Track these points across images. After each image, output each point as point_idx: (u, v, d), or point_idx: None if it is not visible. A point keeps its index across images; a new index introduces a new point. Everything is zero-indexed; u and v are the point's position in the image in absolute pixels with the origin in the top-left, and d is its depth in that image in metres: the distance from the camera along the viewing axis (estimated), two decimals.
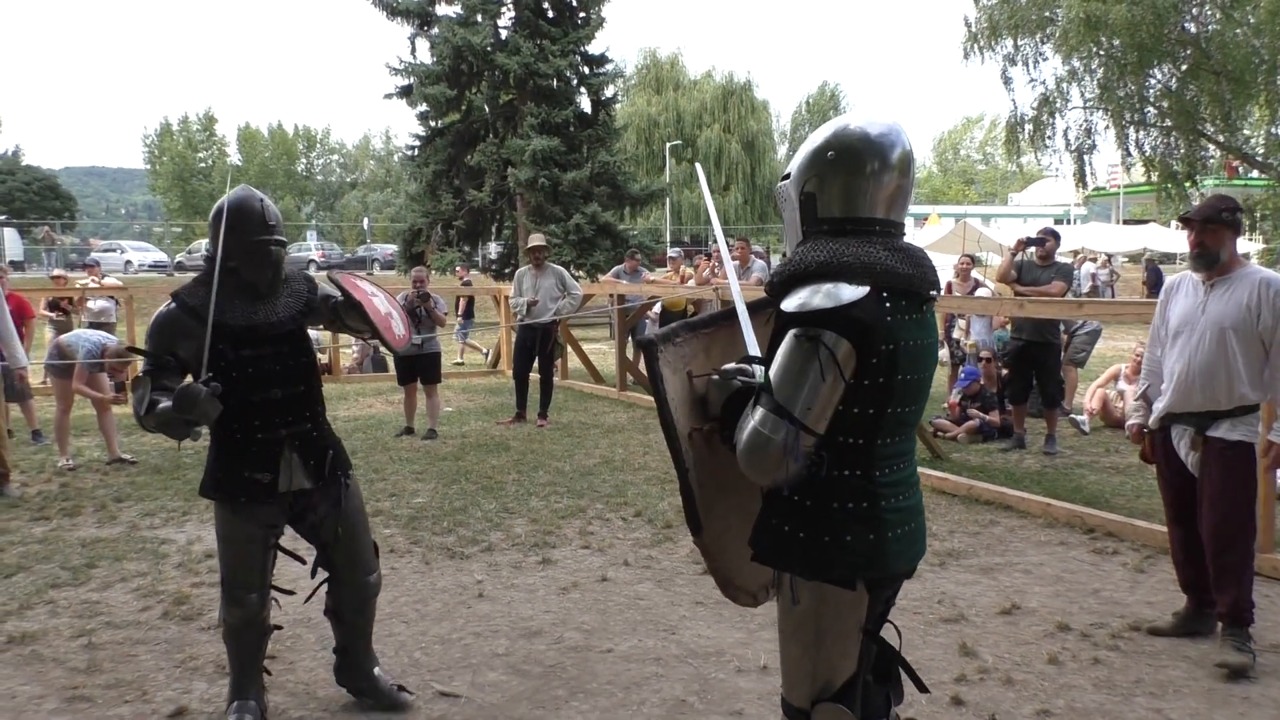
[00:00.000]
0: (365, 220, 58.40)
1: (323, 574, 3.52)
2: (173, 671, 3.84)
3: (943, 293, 12.30)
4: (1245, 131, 23.76)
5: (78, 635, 4.19)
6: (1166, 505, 4.23)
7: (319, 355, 12.84)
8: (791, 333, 2.01)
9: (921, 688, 2.31)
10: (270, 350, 3.24)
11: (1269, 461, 3.98)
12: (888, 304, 2.03)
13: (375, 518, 5.98)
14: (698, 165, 3.54)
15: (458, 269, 21.24)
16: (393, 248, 35.58)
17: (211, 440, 3.30)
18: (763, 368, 2.08)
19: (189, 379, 3.13)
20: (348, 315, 3.38)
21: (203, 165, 63.61)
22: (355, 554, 3.50)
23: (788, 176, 2.20)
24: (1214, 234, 3.87)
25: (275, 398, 3.24)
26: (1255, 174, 27.68)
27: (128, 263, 36.14)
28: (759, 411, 1.98)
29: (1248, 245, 34.94)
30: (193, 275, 3.52)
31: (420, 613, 4.46)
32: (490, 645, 4.08)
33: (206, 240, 3.28)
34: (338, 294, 3.37)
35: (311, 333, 12.32)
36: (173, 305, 3.20)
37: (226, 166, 63.04)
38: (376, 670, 3.61)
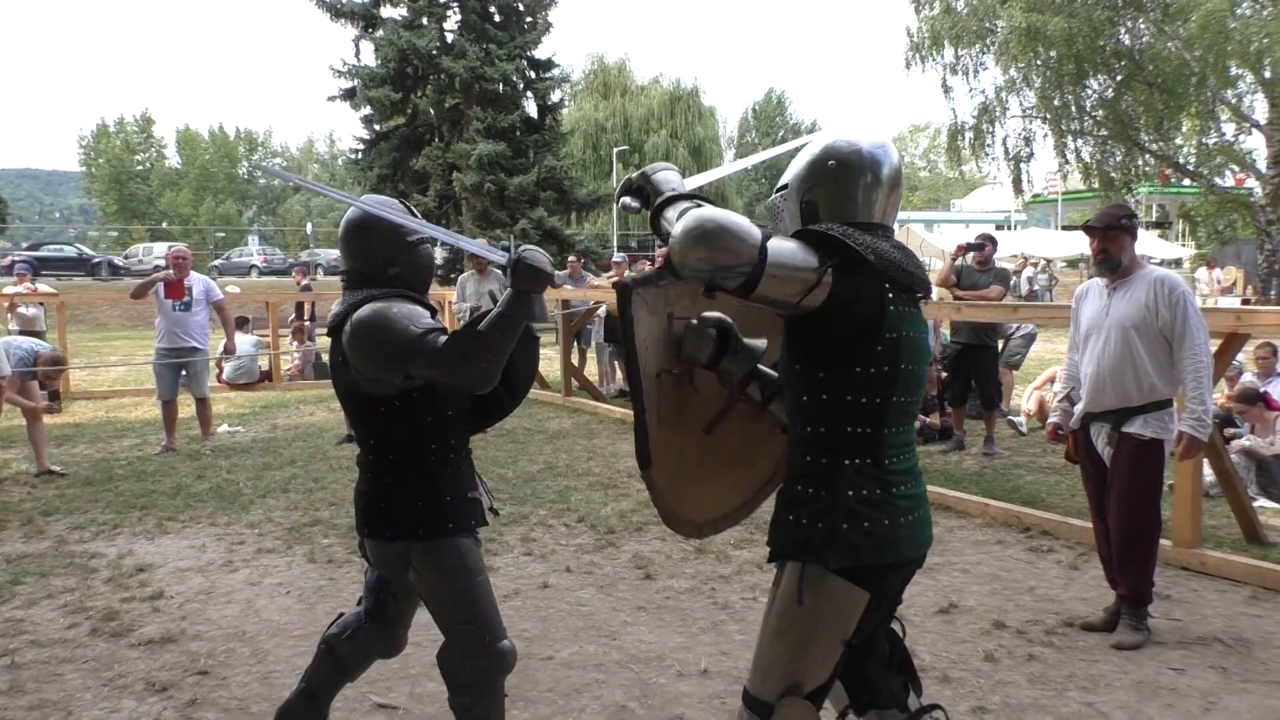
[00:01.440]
0: (308, 225, 57.57)
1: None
2: (100, 690, 3.73)
3: None
4: (1178, 141, 24.38)
5: (0, 655, 4.05)
6: (1091, 502, 4.37)
7: (259, 363, 12.67)
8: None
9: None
10: None
11: (1182, 451, 4.12)
12: (890, 294, 2.12)
13: (314, 527, 5.90)
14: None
15: (295, 272, 19.24)
16: (337, 253, 35.11)
17: (392, 472, 2.72)
18: (764, 341, 2.26)
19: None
20: None
21: (140, 168, 62.33)
22: None
23: (784, 188, 2.29)
24: (1115, 240, 4.08)
25: (464, 410, 2.81)
26: (1187, 182, 28.42)
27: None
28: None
29: (1181, 250, 36.02)
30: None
31: None
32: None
33: (344, 261, 2.78)
34: None
35: (249, 338, 11.99)
36: (392, 304, 2.57)
37: (165, 169, 61.90)
38: None
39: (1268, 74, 20.82)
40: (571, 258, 14.85)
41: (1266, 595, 4.60)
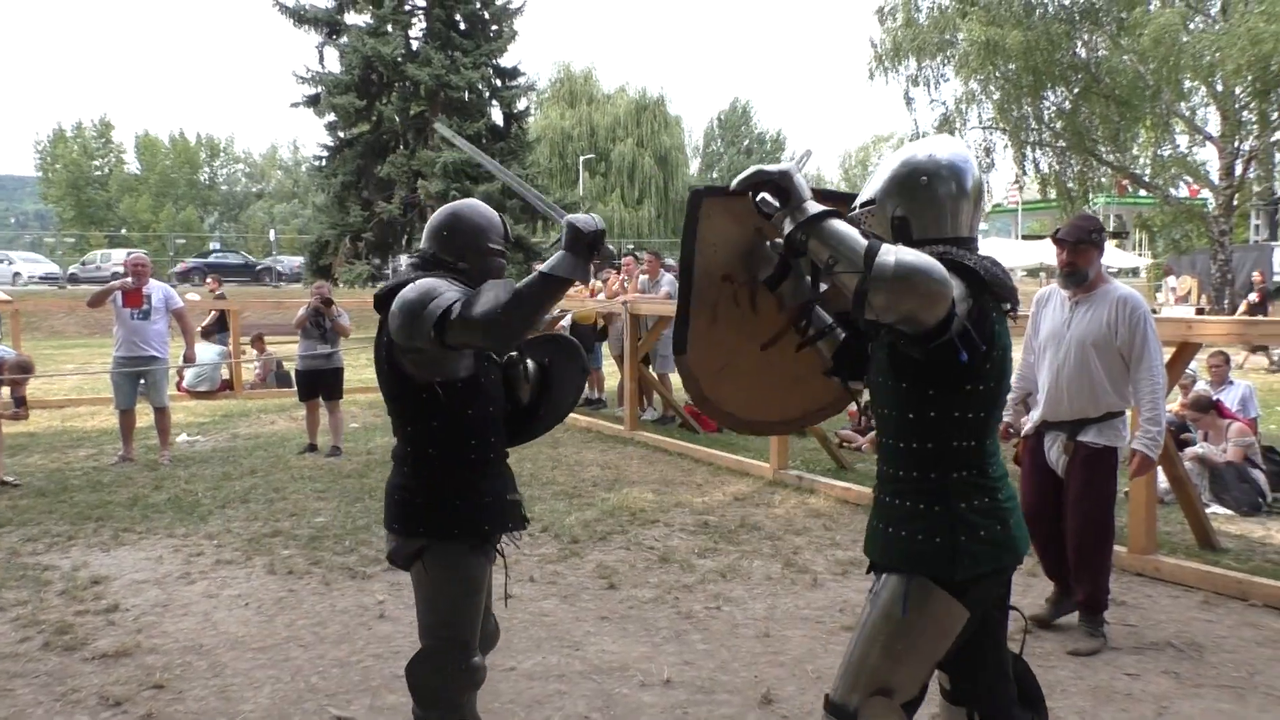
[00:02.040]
0: (271, 232, 56.99)
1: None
2: (53, 705, 3.66)
3: None
4: (1134, 152, 24.83)
5: None
6: (1028, 504, 4.41)
7: (220, 371, 12.51)
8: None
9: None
10: (495, 360, 2.85)
11: (1134, 469, 4.20)
12: (994, 313, 2.16)
13: (274, 538, 5.83)
14: None
15: (209, 280, 18.35)
16: (299, 260, 34.83)
17: (433, 466, 2.68)
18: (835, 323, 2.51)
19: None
20: None
21: (98, 173, 61.33)
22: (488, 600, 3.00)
23: (870, 203, 2.27)
24: (1083, 254, 4.14)
25: (504, 409, 2.84)
26: (1143, 192, 28.94)
27: (16, 274, 34.53)
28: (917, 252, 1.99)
29: (1138, 260, 36.65)
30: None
31: (319, 635, 4.35)
32: (391, 667, 3.99)
33: (424, 241, 2.84)
34: None
35: (214, 348, 11.82)
36: (440, 275, 2.62)
37: (125, 174, 60.99)
38: None
39: (1219, 87, 21.27)
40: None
41: (1218, 600, 4.68)
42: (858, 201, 2.33)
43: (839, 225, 2.09)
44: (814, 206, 2.14)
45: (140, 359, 8.07)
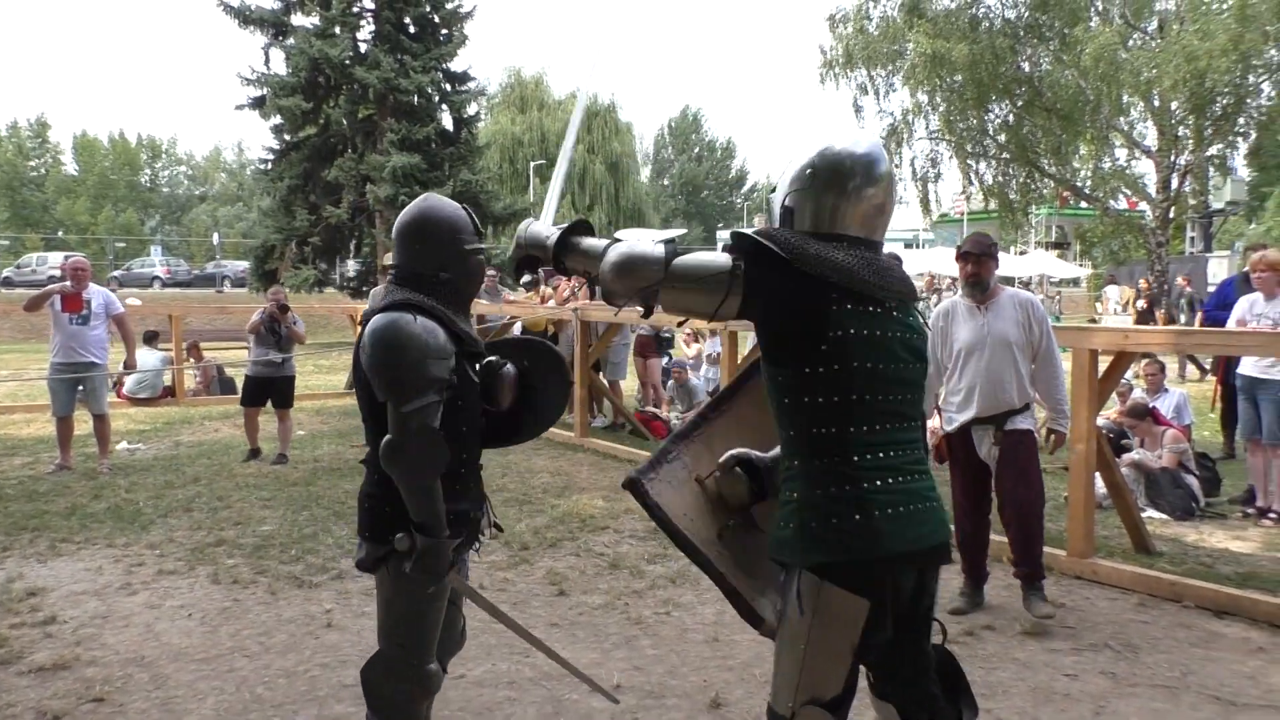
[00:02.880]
0: (215, 235, 56.07)
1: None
2: None
3: None
4: (1075, 165, 25.36)
5: None
6: (961, 501, 4.78)
7: (163, 377, 12.27)
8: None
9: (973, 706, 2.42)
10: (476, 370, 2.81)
11: (1054, 444, 4.75)
12: (833, 295, 2.10)
13: (218, 547, 5.74)
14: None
15: (110, 284, 18.90)
16: (244, 264, 34.26)
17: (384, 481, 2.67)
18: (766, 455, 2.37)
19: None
20: None
21: (34, 174, 59.83)
22: (458, 601, 3.01)
23: (773, 190, 2.33)
24: (986, 265, 4.66)
25: (479, 426, 2.80)
26: (1084, 205, 29.61)
27: None
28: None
29: (1079, 270, 37.48)
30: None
31: (264, 645, 4.29)
32: (338, 676, 3.95)
33: (391, 254, 2.80)
34: None
35: (155, 353, 11.57)
36: (419, 320, 2.55)
37: (62, 175, 59.54)
38: None
39: (1156, 103, 21.85)
40: (489, 272, 14.77)
41: (1153, 602, 4.82)
42: (771, 187, 2.38)
43: (582, 240, 2.39)
44: (554, 233, 2.41)
45: (79, 365, 7.88)
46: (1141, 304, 17.83)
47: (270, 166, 25.52)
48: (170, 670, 4.01)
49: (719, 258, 2.16)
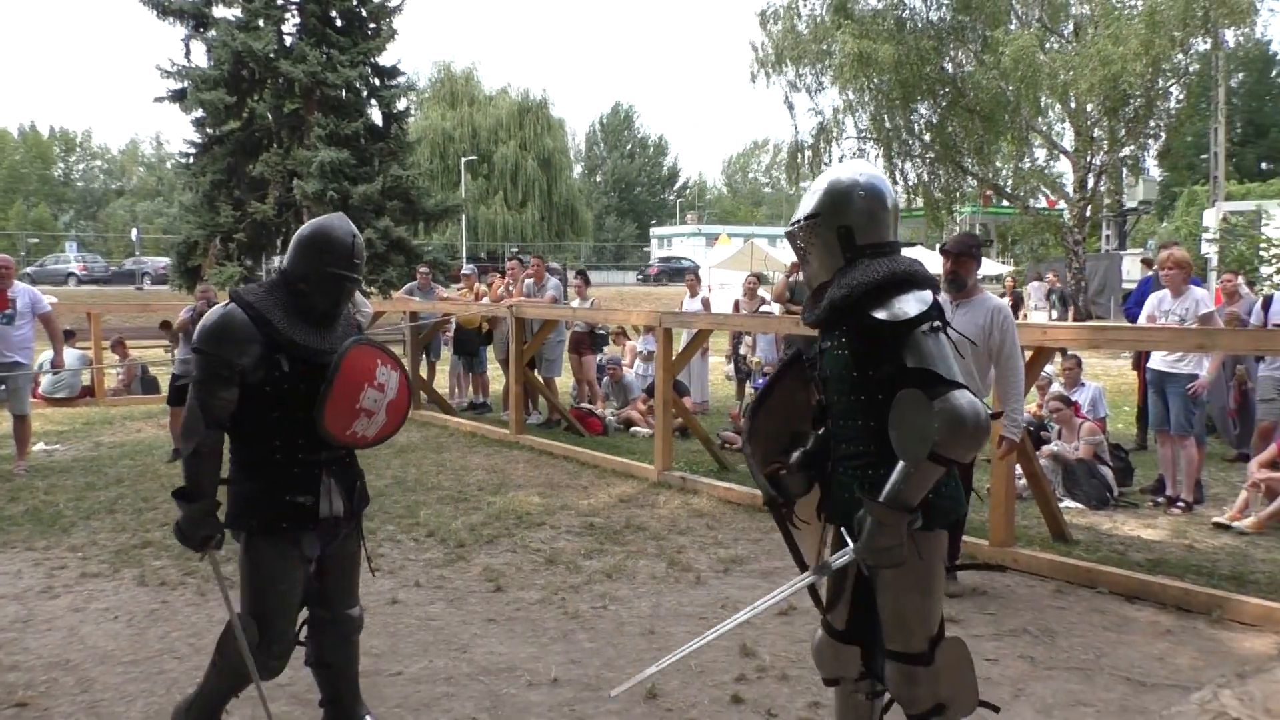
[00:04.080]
0: (134, 231, 54.45)
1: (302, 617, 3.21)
2: None
3: (731, 310, 12.85)
4: (997, 164, 26.02)
5: None
6: None
7: (82, 377, 11.92)
8: (918, 330, 2.45)
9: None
10: (321, 372, 3.01)
11: (1003, 451, 4.90)
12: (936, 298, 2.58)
13: (144, 549, 5.63)
14: None
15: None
16: (166, 261, 33.34)
17: (239, 465, 3.03)
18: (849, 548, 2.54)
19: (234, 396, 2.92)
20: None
21: None
22: (348, 588, 3.27)
23: (813, 217, 2.66)
24: (965, 264, 4.85)
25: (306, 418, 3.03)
26: (1005, 203, 30.39)
27: None
28: (956, 395, 2.36)
29: (1001, 267, 38.44)
30: None
31: (195, 647, 4.23)
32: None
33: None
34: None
35: (74, 352, 11.20)
36: (232, 307, 2.97)
37: None
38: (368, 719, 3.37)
39: (1073, 105, 22.54)
40: (422, 269, 14.63)
41: (1070, 589, 5.01)
42: (796, 217, 2.72)
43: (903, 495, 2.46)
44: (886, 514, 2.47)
45: (2, 365, 7.63)
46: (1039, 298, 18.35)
47: (192, 161, 24.83)
48: (97, 673, 3.94)
49: (942, 342, 2.47)
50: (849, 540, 2.53)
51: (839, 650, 2.78)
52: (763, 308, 11.00)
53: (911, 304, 2.47)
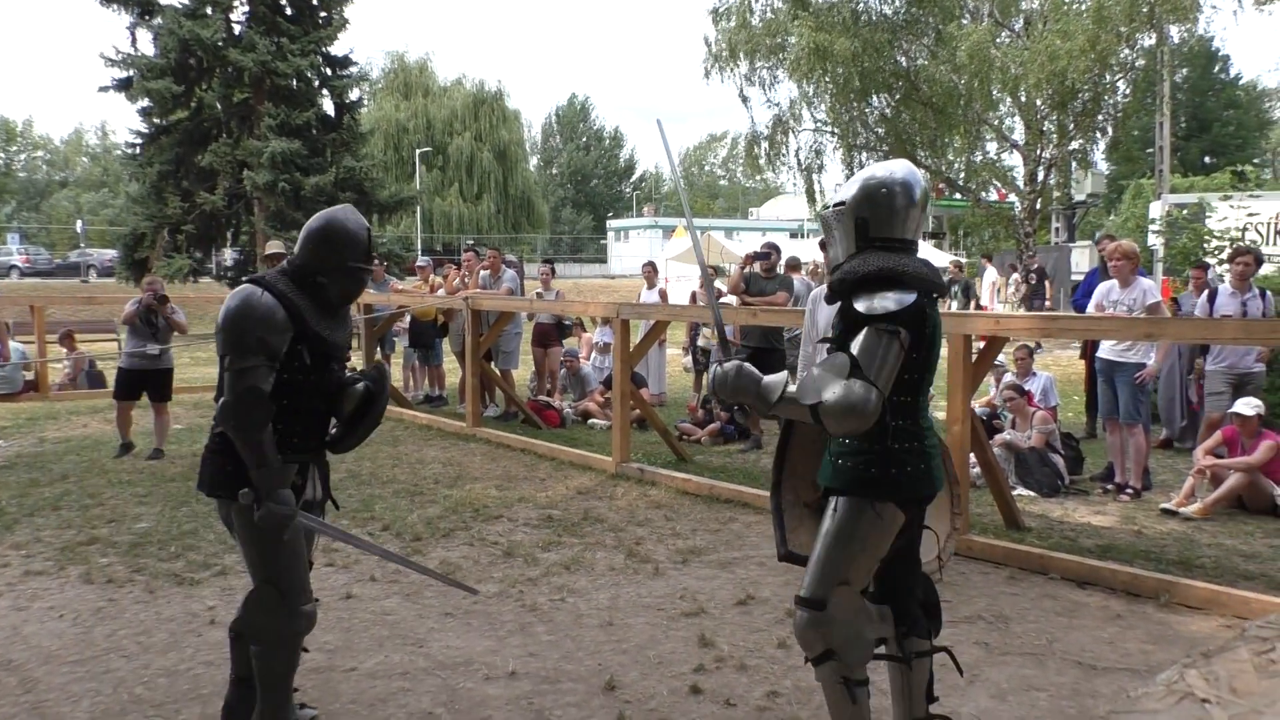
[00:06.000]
0: (79, 223, 53.20)
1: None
2: None
3: (687, 303, 12.84)
4: (949, 157, 26.30)
5: None
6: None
7: (25, 372, 11.62)
8: (873, 326, 2.60)
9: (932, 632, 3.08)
10: (331, 365, 3.19)
11: None
12: (933, 296, 2.73)
13: (90, 546, 5.51)
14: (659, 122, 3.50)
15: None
16: (112, 253, 32.64)
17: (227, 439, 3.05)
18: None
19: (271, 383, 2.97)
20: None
21: None
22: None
23: (842, 204, 2.82)
24: None
25: (320, 410, 3.19)
26: (958, 196, 30.75)
27: None
28: (865, 386, 2.52)
29: (953, 259, 38.88)
30: None
31: (143, 645, 4.14)
32: (223, 673, 3.82)
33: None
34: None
35: (18, 346, 10.97)
36: (265, 295, 3.00)
37: None
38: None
39: (1023, 99, 22.84)
40: (376, 261, 14.46)
41: (1023, 575, 5.08)
42: (832, 201, 2.90)
43: (786, 389, 2.68)
44: (776, 393, 2.69)
45: None
46: (1012, 289, 18.63)
47: (139, 151, 24.34)
48: (41, 673, 3.84)
49: (891, 345, 2.58)
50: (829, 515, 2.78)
51: (873, 609, 2.90)
52: (720, 300, 11.01)
53: (890, 302, 2.61)
